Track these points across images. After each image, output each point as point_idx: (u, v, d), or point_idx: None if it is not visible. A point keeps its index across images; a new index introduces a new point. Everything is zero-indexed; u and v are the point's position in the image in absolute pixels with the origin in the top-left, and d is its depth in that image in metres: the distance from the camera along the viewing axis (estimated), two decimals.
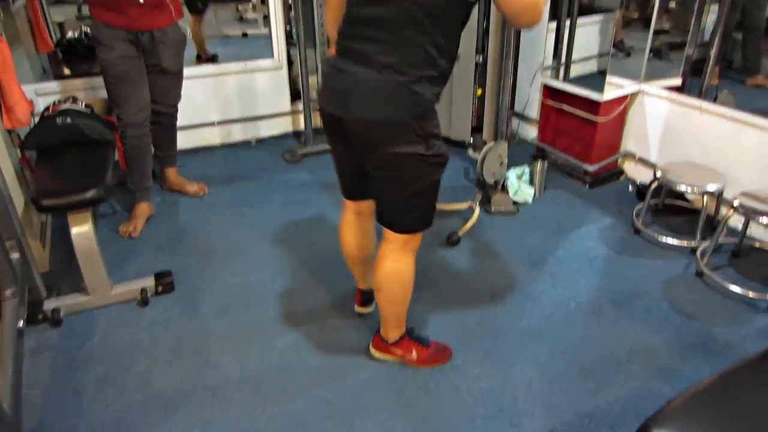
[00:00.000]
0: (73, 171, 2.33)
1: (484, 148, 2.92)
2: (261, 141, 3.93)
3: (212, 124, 3.76)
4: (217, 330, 2.19)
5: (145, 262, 2.61)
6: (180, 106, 3.03)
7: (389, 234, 1.75)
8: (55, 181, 2.25)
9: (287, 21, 3.86)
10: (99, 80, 2.72)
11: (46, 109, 2.63)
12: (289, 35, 3.88)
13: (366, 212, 1.95)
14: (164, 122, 3.00)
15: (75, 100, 2.67)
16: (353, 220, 1.98)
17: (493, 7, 2.97)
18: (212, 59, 4.74)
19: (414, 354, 2.01)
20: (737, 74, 4.03)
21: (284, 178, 3.45)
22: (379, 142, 1.56)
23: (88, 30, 3.67)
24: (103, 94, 2.80)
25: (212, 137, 3.79)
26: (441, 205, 2.29)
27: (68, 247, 2.22)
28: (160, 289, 2.37)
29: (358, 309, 2.26)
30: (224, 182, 3.36)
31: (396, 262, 1.78)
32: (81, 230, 2.17)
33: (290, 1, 3.72)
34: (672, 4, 4.26)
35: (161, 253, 2.69)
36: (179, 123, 3.11)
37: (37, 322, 2.21)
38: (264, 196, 3.22)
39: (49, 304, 2.23)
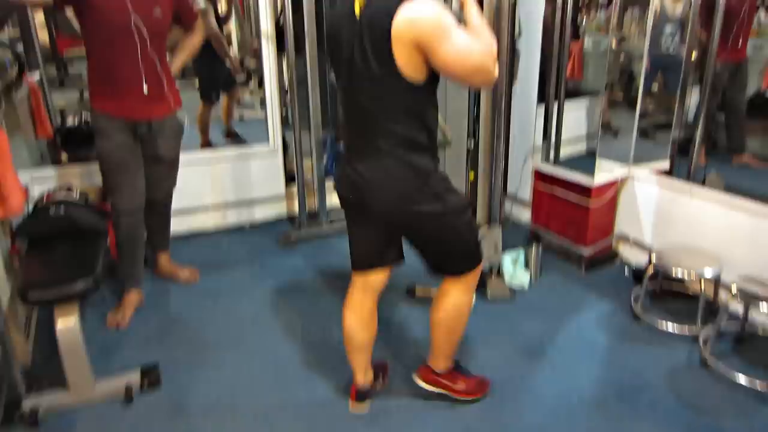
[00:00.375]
0: (63, 262, 2.29)
1: (479, 235, 2.91)
2: (255, 225, 3.92)
3: (207, 208, 3.76)
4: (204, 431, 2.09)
5: (131, 354, 2.53)
6: (175, 191, 3.03)
7: (450, 278, 1.98)
8: (44, 272, 2.20)
9: (283, 104, 3.94)
10: (95, 167, 2.73)
11: (41, 198, 2.62)
12: (284, 118, 3.96)
13: (374, 288, 2.02)
14: (158, 210, 2.99)
15: (69, 189, 2.67)
16: (359, 300, 2.03)
17: (483, 93, 3.06)
18: (235, 136, 4.79)
19: (460, 384, 2.16)
20: (723, 153, 4.13)
21: (278, 263, 3.41)
22: (401, 209, 1.76)
23: (88, 116, 3.72)
24: (99, 181, 2.81)
25: (207, 221, 3.79)
26: (433, 291, 2.27)
27: (53, 339, 2.15)
28: (146, 384, 2.28)
29: (353, 407, 2.16)
30: (217, 268, 3.32)
31: (457, 296, 1.98)
32: (67, 325, 2.10)
33: (286, 85, 3.82)
34: (654, 87, 4.42)
35: (149, 344, 2.61)
36: (173, 207, 3.10)
37: (13, 423, 2.10)
38: (257, 283, 3.17)
39: (27, 403, 2.13)
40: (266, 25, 3.58)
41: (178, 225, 3.51)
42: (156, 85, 2.61)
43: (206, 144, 4.81)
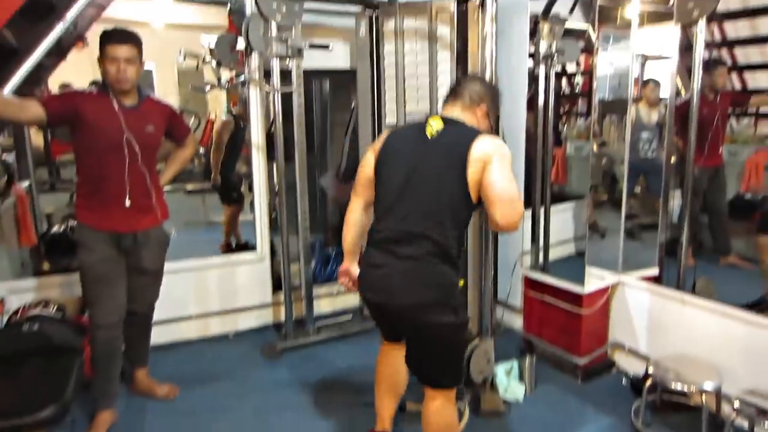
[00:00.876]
0: (32, 385, 2.17)
1: (470, 346, 2.82)
2: (239, 334, 3.80)
3: (190, 317, 3.66)
4: None
5: None
6: (158, 301, 2.95)
7: (431, 390, 2.09)
8: (10, 396, 2.08)
9: (272, 207, 3.95)
10: (77, 277, 2.66)
11: (15, 312, 2.54)
12: (273, 221, 3.96)
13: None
14: (139, 322, 2.88)
15: (46, 304, 2.60)
16: (393, 349, 2.30)
17: None
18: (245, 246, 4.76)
19: None
20: (709, 254, 4.15)
21: (262, 377, 3.26)
22: (419, 317, 1.94)
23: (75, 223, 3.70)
24: (80, 292, 2.72)
25: (189, 331, 3.67)
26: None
27: None
28: None
29: None
30: (197, 381, 3.16)
31: (445, 414, 2.09)
32: None
33: (275, 188, 3.85)
34: (637, 189, 4.51)
35: None
36: (155, 317, 3.00)
37: None
38: (239, 400, 3.01)
39: None
40: (257, 136, 3.67)
41: (158, 335, 3.38)
42: (144, 197, 2.61)
43: (239, 243, 4.84)
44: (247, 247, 4.47)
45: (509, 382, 2.97)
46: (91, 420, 2.67)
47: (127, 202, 2.54)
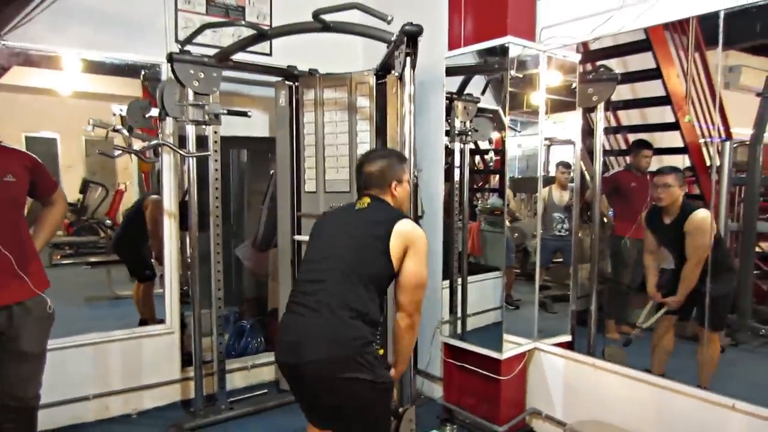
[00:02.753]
0: None
1: (399, 413, 2.74)
2: (143, 413, 3.50)
3: (87, 398, 3.33)
4: None
5: None
6: (50, 380, 2.58)
7: None
8: None
9: (184, 279, 3.75)
10: None
11: None
12: (185, 294, 3.75)
13: None
14: (22, 417, 2.44)
15: None
16: None
17: None
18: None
19: None
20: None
21: None
22: (331, 374, 1.90)
23: None
24: None
25: (86, 413, 3.33)
26: None
27: None
28: None
29: None
30: None
31: None
32: None
33: (188, 260, 3.68)
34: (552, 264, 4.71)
35: None
36: (45, 399, 2.65)
37: None
38: None
39: None
40: (169, 204, 3.55)
41: (49, 419, 3.06)
42: (14, 262, 2.30)
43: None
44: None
45: None
46: None
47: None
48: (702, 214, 3.13)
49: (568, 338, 3.38)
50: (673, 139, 4.33)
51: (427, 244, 2.08)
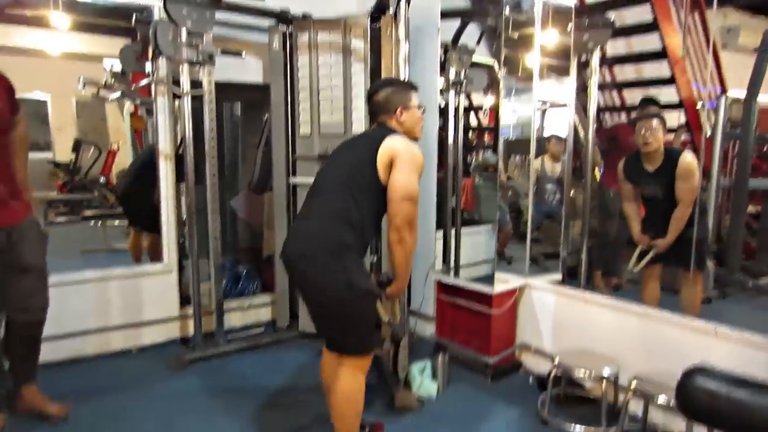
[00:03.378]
0: None
1: (393, 343, 2.84)
2: (143, 349, 3.58)
3: (88, 332, 3.41)
4: None
5: None
6: (52, 314, 2.67)
7: (341, 357, 2.17)
8: None
9: (180, 234, 3.79)
10: None
11: None
12: (182, 246, 3.80)
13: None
14: (29, 333, 2.57)
15: None
16: (331, 358, 2.28)
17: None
18: None
19: None
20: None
21: (168, 387, 3.10)
22: (308, 269, 2.08)
23: None
24: None
25: (87, 347, 3.41)
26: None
27: None
28: None
29: None
30: (96, 395, 2.94)
31: (346, 381, 2.13)
32: None
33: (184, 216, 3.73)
34: (545, 222, 4.80)
35: None
36: (49, 332, 2.74)
37: None
38: (141, 409, 2.83)
39: None
40: (164, 145, 3.57)
41: (52, 352, 3.15)
42: (7, 183, 2.40)
43: None
44: None
45: (422, 380, 2.99)
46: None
47: None
48: (690, 157, 3.19)
49: (558, 277, 3.47)
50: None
51: (417, 158, 2.13)
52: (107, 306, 3.48)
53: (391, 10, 3.04)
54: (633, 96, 5.23)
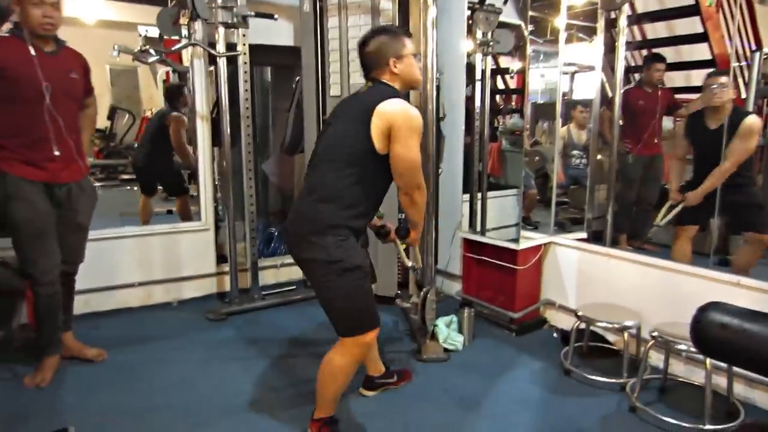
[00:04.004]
0: None
1: (421, 294, 2.95)
2: (183, 302, 3.78)
3: (132, 285, 3.61)
4: None
5: (42, 423, 2.30)
6: (102, 266, 2.88)
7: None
8: None
9: (214, 200, 3.96)
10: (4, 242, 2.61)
11: None
12: (216, 209, 3.97)
13: None
14: (67, 283, 2.76)
15: None
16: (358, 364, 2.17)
17: None
18: None
19: None
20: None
21: (207, 336, 3.28)
22: (295, 251, 2.06)
23: None
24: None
25: (131, 299, 3.62)
26: None
27: None
28: None
29: (361, 391, 2.59)
30: (140, 342, 3.14)
31: (333, 355, 2.07)
32: None
33: (217, 180, 3.89)
34: (572, 187, 4.82)
35: (61, 414, 2.39)
36: (96, 284, 2.93)
37: None
38: (183, 354, 3.02)
39: None
40: (201, 107, 3.71)
41: (99, 302, 3.37)
42: (71, 147, 2.57)
43: None
44: None
45: (449, 333, 3.11)
46: (39, 365, 2.64)
47: (56, 151, 2.49)
48: (754, 118, 3.18)
49: (583, 235, 3.53)
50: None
51: (414, 123, 1.96)
52: (149, 261, 3.68)
53: None
54: (665, 53, 5.17)
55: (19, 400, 2.49)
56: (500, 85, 5.45)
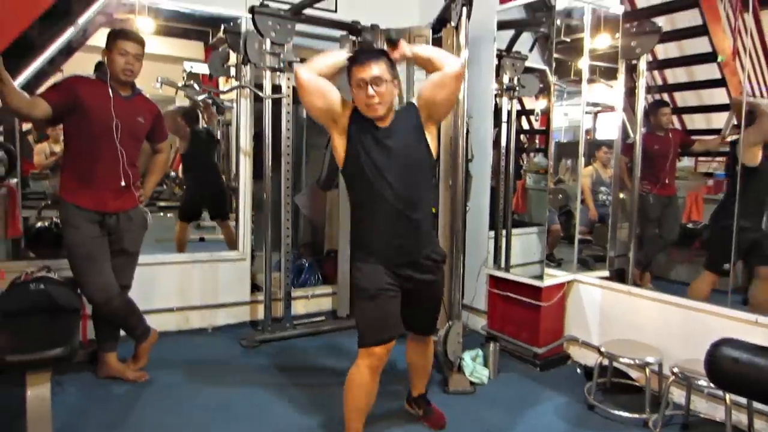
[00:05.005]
0: (39, 332, 2.32)
1: (445, 327, 3.08)
2: (217, 329, 3.95)
3: (171, 310, 3.80)
4: None
5: None
6: (143, 291, 3.09)
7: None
8: (23, 340, 2.23)
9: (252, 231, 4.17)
10: (63, 262, 2.83)
11: (18, 277, 2.68)
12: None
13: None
14: (125, 295, 2.98)
15: (49, 269, 2.75)
16: (371, 376, 2.28)
17: (441, 206, 3.44)
18: None
19: None
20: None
21: (241, 362, 3.43)
22: None
23: (56, 219, 3.76)
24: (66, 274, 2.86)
25: (169, 323, 3.79)
26: None
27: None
28: None
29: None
30: (179, 366, 3.29)
31: (351, 368, 2.30)
32: (38, 392, 2.11)
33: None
34: (597, 225, 4.93)
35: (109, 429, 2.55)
36: (140, 307, 3.10)
37: None
38: (218, 380, 3.16)
39: None
40: (245, 144, 3.95)
41: None
42: (129, 181, 2.84)
43: None
44: None
45: (475, 366, 3.22)
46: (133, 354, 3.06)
47: (120, 182, 2.77)
48: None
49: (605, 273, 3.64)
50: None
51: None
52: (189, 287, 3.87)
53: (453, 23, 3.29)
54: (684, 97, 5.31)
55: (66, 419, 2.64)
56: (525, 125, 5.65)
